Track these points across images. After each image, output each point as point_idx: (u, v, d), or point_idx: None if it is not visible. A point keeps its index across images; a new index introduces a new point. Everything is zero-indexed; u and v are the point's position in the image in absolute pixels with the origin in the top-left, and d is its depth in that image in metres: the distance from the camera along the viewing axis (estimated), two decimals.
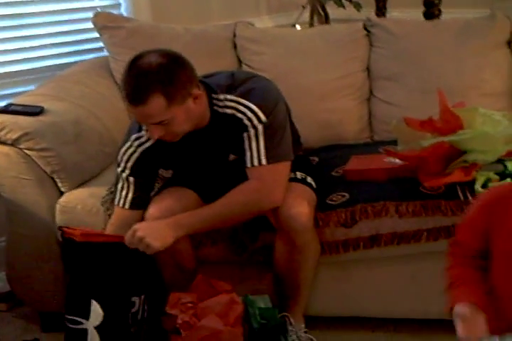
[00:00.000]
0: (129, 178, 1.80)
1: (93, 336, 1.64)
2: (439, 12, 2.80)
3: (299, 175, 1.86)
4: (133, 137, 1.80)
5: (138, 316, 1.71)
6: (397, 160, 1.92)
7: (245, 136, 1.72)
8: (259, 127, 1.71)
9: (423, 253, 1.84)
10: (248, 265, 1.90)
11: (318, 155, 2.18)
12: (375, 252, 1.82)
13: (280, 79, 1.93)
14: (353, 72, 2.39)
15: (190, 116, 1.68)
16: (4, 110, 2.04)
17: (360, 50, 2.41)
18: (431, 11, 2.79)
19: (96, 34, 2.53)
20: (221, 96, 1.75)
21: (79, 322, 1.65)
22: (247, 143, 1.72)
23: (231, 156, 1.82)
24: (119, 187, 1.83)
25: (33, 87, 2.33)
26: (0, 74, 2.36)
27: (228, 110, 1.74)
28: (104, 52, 2.58)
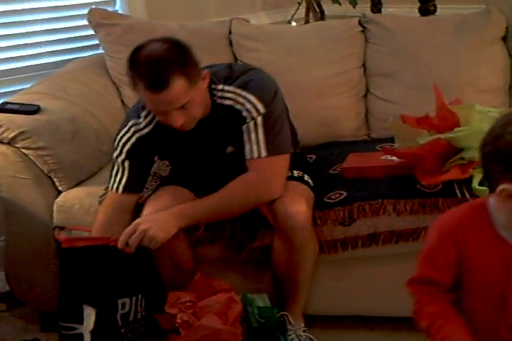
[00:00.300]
0: (124, 162, 1.80)
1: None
2: (434, 8, 2.80)
3: (295, 173, 1.86)
4: (130, 123, 1.80)
5: (129, 317, 1.70)
6: (394, 158, 1.92)
7: (244, 128, 1.72)
8: (258, 119, 1.71)
9: None
10: (246, 264, 1.89)
11: (315, 153, 2.18)
12: (374, 250, 1.82)
13: (276, 76, 1.91)
14: (349, 68, 2.38)
15: (203, 98, 1.70)
16: (0, 109, 2.03)
17: (356, 46, 2.41)
18: (426, 7, 2.79)
19: (91, 31, 2.52)
20: (219, 87, 1.75)
21: (73, 328, 1.64)
22: (246, 135, 1.72)
23: (229, 148, 1.81)
24: (114, 172, 1.82)
25: (28, 85, 2.31)
26: None
27: (227, 101, 1.74)
28: (99, 50, 2.57)
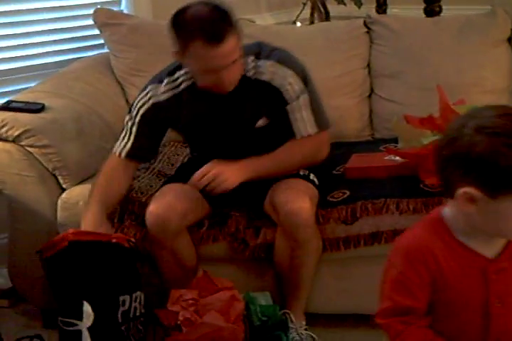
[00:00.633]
0: (133, 127, 1.83)
1: (86, 337, 1.63)
2: (439, 9, 2.80)
3: (301, 171, 1.86)
4: (149, 87, 1.83)
5: (129, 314, 1.70)
6: (397, 158, 1.92)
7: (290, 108, 1.77)
8: (303, 96, 1.77)
9: None
10: (249, 262, 1.90)
11: None
12: (376, 249, 1.82)
13: None
14: (354, 69, 2.39)
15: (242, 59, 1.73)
16: (5, 107, 2.04)
17: (361, 47, 2.41)
18: (431, 8, 2.79)
19: (96, 31, 2.53)
20: (250, 59, 1.77)
21: (73, 323, 1.64)
22: (292, 114, 1.77)
23: (260, 122, 1.81)
24: (121, 136, 1.85)
25: (33, 84, 2.32)
26: (0, 71, 2.36)
27: (264, 76, 1.76)
28: (104, 49, 2.58)
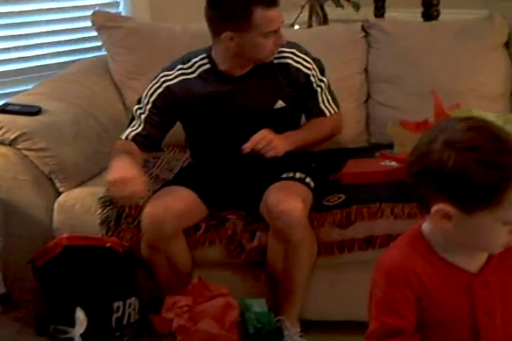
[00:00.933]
0: (142, 115, 1.87)
1: None
2: (437, 13, 2.79)
3: (298, 175, 1.87)
4: (161, 74, 1.89)
5: (123, 321, 1.70)
6: (393, 163, 1.93)
7: (318, 89, 1.95)
8: (324, 80, 1.96)
9: None
10: (245, 266, 1.90)
11: (316, 161, 2.17)
12: (371, 254, 1.82)
13: None
14: (352, 74, 2.38)
15: None
16: (2, 110, 2.05)
17: (359, 51, 2.41)
18: (429, 12, 2.78)
19: (94, 33, 2.53)
20: None
21: (65, 331, 1.64)
22: (320, 96, 1.96)
23: (279, 103, 1.90)
24: (132, 124, 1.90)
25: (31, 86, 2.33)
26: None
27: (287, 60, 1.89)
28: (102, 51, 2.58)
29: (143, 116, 1.88)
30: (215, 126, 1.92)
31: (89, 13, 2.51)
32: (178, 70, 1.87)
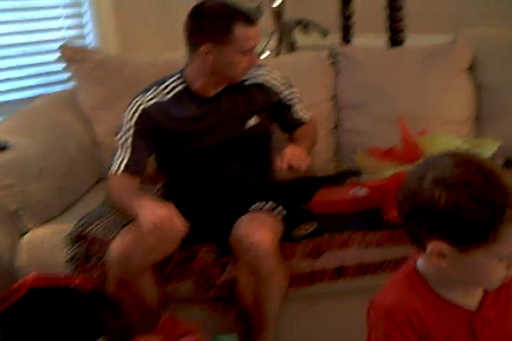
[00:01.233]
0: (126, 142, 1.85)
1: None
2: (403, 38, 2.83)
3: (269, 204, 1.85)
4: (137, 98, 1.90)
5: None
6: (362, 191, 1.93)
7: (287, 98, 2.02)
8: (292, 87, 2.04)
9: None
10: (214, 301, 1.87)
11: (287, 189, 2.15)
12: (342, 284, 1.81)
13: None
14: (320, 101, 2.39)
15: None
16: None
17: (327, 78, 2.42)
18: (395, 37, 2.81)
19: (61, 66, 2.52)
20: None
21: None
22: (293, 105, 2.05)
23: (250, 121, 1.92)
24: (116, 156, 1.86)
25: None
26: None
27: (251, 79, 1.94)
28: (69, 85, 2.57)
29: (127, 142, 1.85)
30: (187, 149, 1.92)
31: (55, 46, 2.51)
32: (153, 92, 1.89)
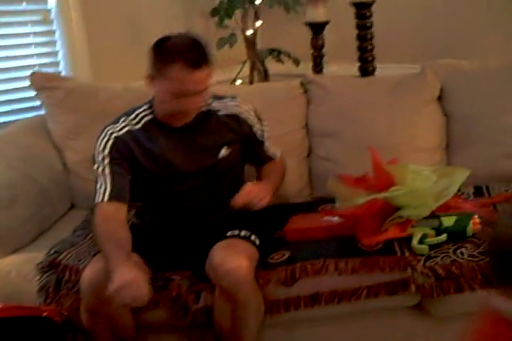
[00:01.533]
0: (104, 171, 1.82)
1: None
2: (373, 68, 2.89)
3: (243, 232, 1.85)
4: (107, 128, 1.87)
5: None
6: (334, 218, 1.94)
7: (261, 138, 2.02)
8: (263, 124, 2.03)
9: (365, 311, 1.84)
10: (191, 328, 1.85)
11: (260, 217, 2.16)
12: (317, 311, 1.81)
13: None
14: (292, 129, 2.42)
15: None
16: None
17: (298, 107, 2.45)
18: (365, 67, 2.88)
19: (32, 93, 2.51)
20: (210, 98, 1.91)
21: None
22: (265, 142, 2.04)
23: (222, 152, 1.90)
24: (98, 186, 1.82)
25: None
26: None
27: (225, 109, 1.93)
28: (41, 111, 2.55)
29: (105, 171, 1.83)
30: (159, 178, 1.91)
31: (27, 73, 2.50)
32: (123, 122, 1.87)
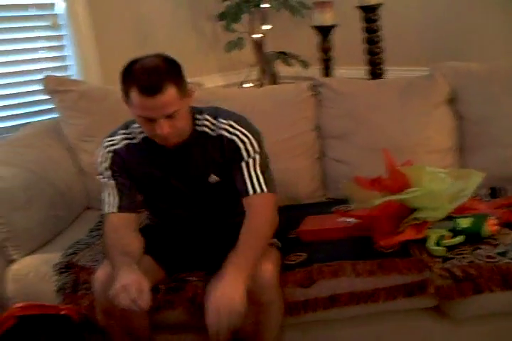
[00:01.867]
0: (109, 183, 1.82)
1: None
2: (382, 70, 2.91)
3: None
4: (105, 141, 1.85)
5: None
6: (350, 220, 1.95)
7: (243, 165, 1.79)
8: (257, 156, 1.80)
9: (382, 312, 1.84)
10: (206, 330, 1.84)
11: None
12: (336, 313, 1.81)
13: None
14: (303, 131, 2.43)
15: (188, 114, 1.75)
16: None
17: (309, 109, 2.46)
18: (375, 70, 2.89)
19: (45, 96, 2.53)
20: (207, 117, 1.81)
21: None
22: (245, 171, 1.79)
23: (212, 178, 1.83)
24: (105, 195, 1.83)
25: None
26: None
27: (221, 131, 1.79)
28: (55, 114, 2.57)
29: (111, 182, 1.83)
30: (158, 193, 1.90)
31: (39, 76, 2.52)
32: (121, 135, 1.85)
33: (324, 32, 2.98)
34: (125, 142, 1.84)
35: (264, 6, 3.10)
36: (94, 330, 1.78)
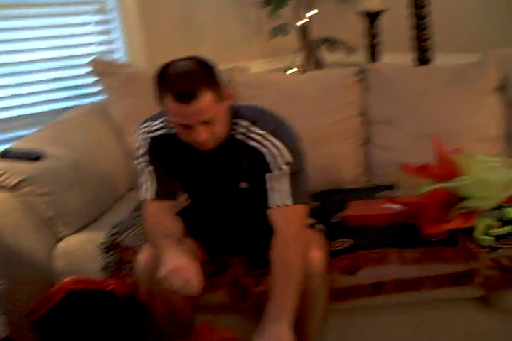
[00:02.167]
0: (146, 169, 1.79)
1: None
2: (431, 57, 2.86)
3: (309, 220, 1.83)
4: (144, 126, 1.81)
5: None
6: (395, 206, 1.93)
7: (269, 176, 1.72)
8: (284, 167, 1.70)
9: (427, 301, 1.83)
10: (251, 311, 1.84)
11: (316, 201, 2.17)
12: (379, 300, 1.80)
13: None
14: (348, 116, 2.41)
15: (226, 118, 1.69)
16: (3, 155, 2.04)
17: (354, 95, 2.44)
18: (423, 56, 2.84)
19: (91, 79, 2.57)
20: (244, 124, 1.74)
21: None
22: (270, 182, 1.72)
23: (242, 184, 1.80)
24: (143, 180, 1.80)
25: (31, 132, 2.32)
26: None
27: (252, 142, 1.72)
28: (99, 97, 2.61)
29: (149, 168, 1.80)
30: (190, 186, 1.89)
31: (85, 60, 2.56)
32: (160, 123, 1.79)
33: (371, 17, 2.94)
34: (162, 131, 1.79)
35: None
36: (138, 308, 1.80)
